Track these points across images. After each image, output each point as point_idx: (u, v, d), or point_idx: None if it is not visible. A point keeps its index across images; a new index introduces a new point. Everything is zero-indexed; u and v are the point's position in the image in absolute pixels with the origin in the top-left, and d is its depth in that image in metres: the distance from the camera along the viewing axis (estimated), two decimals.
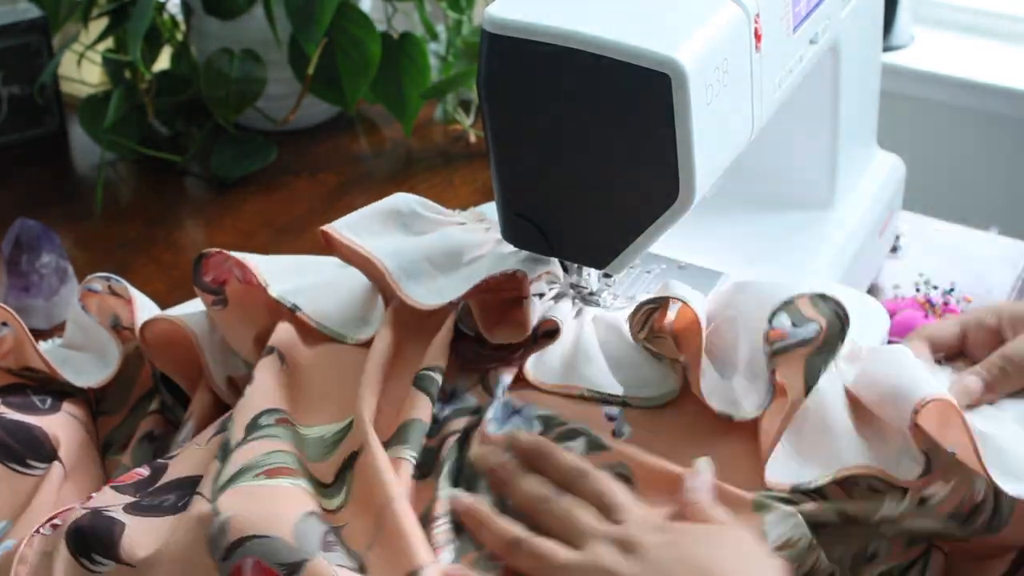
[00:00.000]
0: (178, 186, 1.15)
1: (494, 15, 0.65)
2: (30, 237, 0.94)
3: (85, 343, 0.79)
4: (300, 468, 0.65)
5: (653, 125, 0.63)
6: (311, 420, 0.68)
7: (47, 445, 0.70)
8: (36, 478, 0.69)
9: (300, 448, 0.66)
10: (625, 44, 0.62)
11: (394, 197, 0.79)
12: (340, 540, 0.61)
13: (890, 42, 1.91)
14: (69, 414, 0.74)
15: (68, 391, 0.75)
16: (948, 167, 1.91)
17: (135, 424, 0.76)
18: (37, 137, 1.20)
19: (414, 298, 0.71)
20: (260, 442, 0.65)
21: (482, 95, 0.67)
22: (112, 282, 0.78)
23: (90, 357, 0.78)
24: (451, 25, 1.23)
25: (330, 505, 0.64)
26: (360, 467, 0.64)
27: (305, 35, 1.07)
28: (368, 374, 0.68)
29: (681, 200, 0.66)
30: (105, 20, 1.16)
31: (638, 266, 0.84)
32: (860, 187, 0.94)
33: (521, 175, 0.70)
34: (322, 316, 0.74)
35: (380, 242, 0.75)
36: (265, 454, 0.64)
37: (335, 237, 0.75)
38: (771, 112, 0.73)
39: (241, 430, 0.66)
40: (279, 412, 0.68)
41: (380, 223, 0.77)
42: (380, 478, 0.62)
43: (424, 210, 0.79)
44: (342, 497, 0.64)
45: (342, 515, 0.63)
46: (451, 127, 1.24)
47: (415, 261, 0.74)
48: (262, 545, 0.58)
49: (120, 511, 0.63)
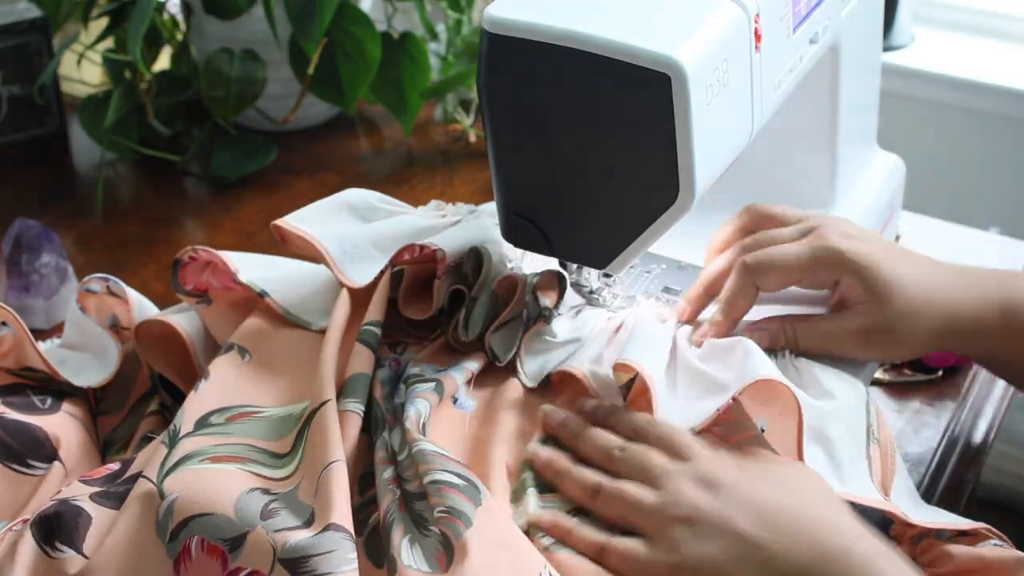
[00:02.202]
0: (178, 186, 1.15)
1: (494, 15, 0.65)
2: (30, 237, 0.94)
3: (84, 343, 0.79)
4: (249, 455, 0.66)
5: (653, 125, 0.63)
6: (278, 402, 0.70)
7: (48, 445, 0.71)
8: (37, 478, 0.69)
9: (257, 435, 0.68)
10: (625, 44, 0.62)
11: (348, 192, 0.83)
12: (289, 502, 0.62)
13: (890, 42, 1.91)
14: (69, 414, 0.74)
15: (68, 391, 0.75)
16: (948, 167, 1.91)
17: (135, 424, 0.76)
18: (37, 137, 1.20)
19: (352, 278, 0.75)
20: (208, 437, 0.67)
21: (482, 95, 0.67)
22: (110, 283, 0.78)
23: (89, 357, 0.78)
24: (451, 25, 1.23)
25: (283, 473, 0.65)
26: (316, 421, 0.66)
27: (305, 35, 1.07)
28: (328, 343, 0.70)
29: (681, 200, 0.66)
30: (105, 20, 1.16)
31: (638, 266, 0.84)
32: (860, 187, 0.94)
33: (521, 175, 0.70)
34: (289, 304, 0.77)
35: (328, 229, 0.79)
36: (212, 445, 0.66)
37: (286, 229, 0.78)
38: (771, 112, 0.73)
39: (191, 423, 0.68)
40: (232, 410, 0.69)
41: (332, 215, 0.81)
42: (327, 438, 0.64)
43: (380, 203, 0.83)
44: (297, 459, 0.65)
45: (294, 477, 0.64)
46: (451, 127, 1.24)
47: (360, 246, 0.78)
48: (204, 523, 0.60)
49: (86, 499, 0.64)
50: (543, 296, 0.75)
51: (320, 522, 0.60)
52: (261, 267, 0.79)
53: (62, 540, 0.62)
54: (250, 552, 0.59)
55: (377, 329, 0.72)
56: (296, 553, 0.58)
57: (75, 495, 0.64)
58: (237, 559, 0.59)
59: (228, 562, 0.59)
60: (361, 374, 0.69)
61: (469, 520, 0.59)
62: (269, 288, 0.76)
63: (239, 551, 0.59)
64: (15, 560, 0.61)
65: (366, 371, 0.70)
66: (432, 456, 0.63)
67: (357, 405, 0.67)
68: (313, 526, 0.60)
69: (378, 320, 0.73)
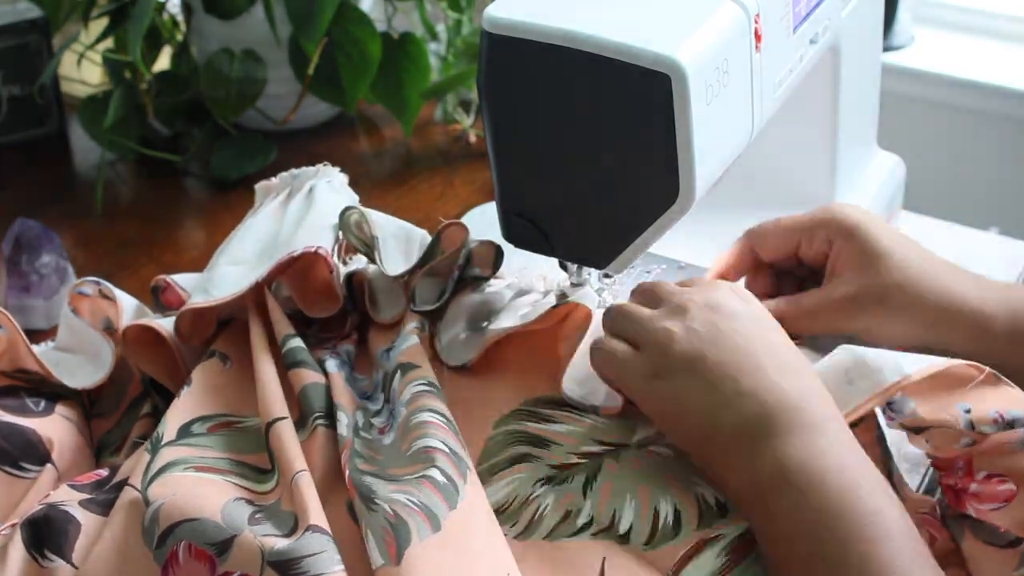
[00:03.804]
0: (178, 186, 1.15)
1: (494, 15, 0.65)
2: (30, 237, 0.94)
3: (77, 346, 0.79)
4: (232, 468, 0.66)
5: (653, 125, 0.63)
6: (256, 411, 0.70)
7: (41, 448, 0.70)
8: (29, 481, 0.69)
9: (238, 449, 0.68)
10: (625, 44, 0.62)
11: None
12: (273, 514, 0.62)
13: (890, 42, 1.91)
14: (63, 416, 0.74)
15: (62, 394, 0.75)
16: (948, 167, 1.91)
17: (129, 426, 0.76)
18: (37, 137, 1.20)
19: (202, 303, 0.75)
20: (190, 448, 0.67)
21: (482, 95, 0.67)
22: (102, 286, 0.79)
23: (82, 360, 0.78)
24: (451, 25, 1.23)
25: (266, 488, 0.65)
26: (273, 441, 0.66)
27: (305, 35, 1.07)
28: (260, 363, 0.71)
29: (681, 200, 0.66)
30: (105, 20, 1.16)
31: (638, 266, 0.84)
32: (860, 187, 0.94)
33: (521, 175, 0.70)
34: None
35: (193, 282, 0.81)
36: (196, 456, 0.66)
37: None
38: (771, 112, 0.73)
39: (173, 431, 0.68)
40: (214, 419, 0.70)
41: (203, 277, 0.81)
42: (287, 454, 0.65)
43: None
44: (277, 473, 0.66)
45: (277, 491, 0.65)
46: (451, 127, 1.24)
47: (216, 264, 0.79)
48: (192, 528, 0.60)
49: (75, 505, 0.64)
50: (476, 266, 0.76)
51: (301, 525, 0.60)
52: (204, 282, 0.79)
53: (52, 549, 0.62)
54: (238, 556, 0.59)
55: (297, 340, 0.72)
56: (286, 555, 0.58)
57: (64, 500, 0.64)
58: (225, 563, 0.59)
59: (216, 566, 0.59)
60: (311, 384, 0.70)
61: (438, 524, 0.59)
62: (200, 298, 0.76)
63: (227, 555, 0.59)
64: (6, 565, 0.61)
65: (316, 381, 0.70)
66: (429, 428, 0.64)
67: (317, 417, 0.68)
68: (296, 531, 0.60)
69: (291, 333, 0.73)
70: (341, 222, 0.78)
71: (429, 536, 0.58)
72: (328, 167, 0.85)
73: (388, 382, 0.71)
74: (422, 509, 0.60)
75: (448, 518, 0.60)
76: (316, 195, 0.82)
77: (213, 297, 0.75)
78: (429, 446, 0.63)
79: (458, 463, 0.63)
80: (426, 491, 0.61)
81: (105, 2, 1.17)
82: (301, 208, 0.81)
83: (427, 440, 0.64)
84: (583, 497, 0.65)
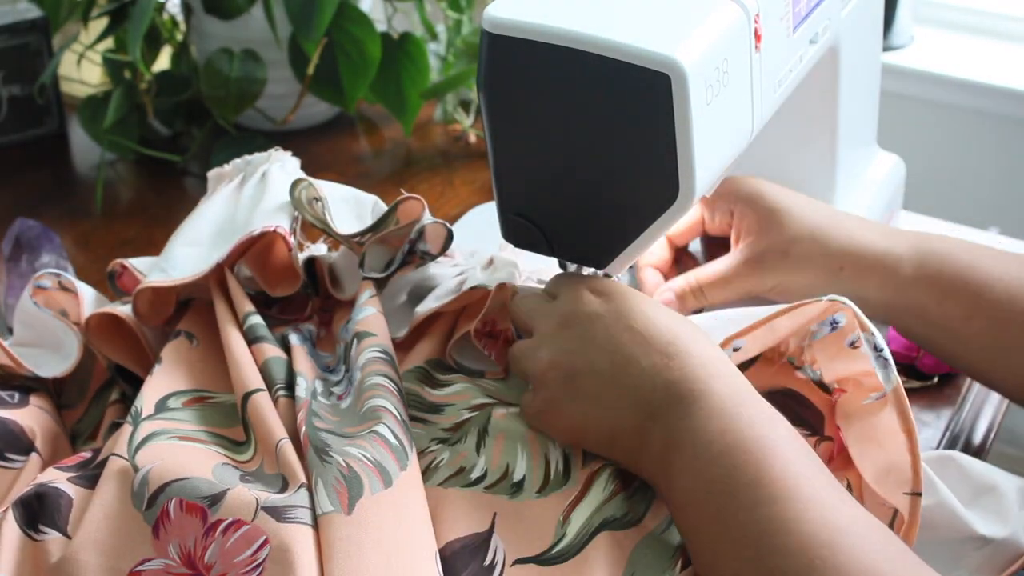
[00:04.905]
0: (178, 186, 1.15)
1: (494, 15, 0.65)
2: (30, 237, 0.94)
3: (37, 339, 0.79)
4: (212, 440, 0.68)
5: (653, 125, 0.63)
6: (227, 388, 0.72)
7: (24, 438, 0.71)
8: (16, 471, 0.70)
9: (214, 423, 0.69)
10: (625, 44, 0.62)
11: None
12: (259, 477, 0.64)
13: (890, 42, 1.91)
14: (38, 407, 0.74)
15: (32, 386, 0.76)
16: (948, 167, 1.91)
17: (98, 415, 0.76)
18: (37, 137, 1.20)
19: (160, 281, 0.76)
20: (169, 422, 0.68)
21: (482, 95, 0.67)
22: (62, 278, 0.79)
23: (44, 352, 0.78)
24: (451, 25, 1.23)
25: (245, 457, 0.67)
26: (251, 412, 0.67)
27: (305, 35, 1.07)
28: (229, 337, 0.72)
29: (681, 200, 0.66)
30: (105, 20, 1.16)
31: None
32: (860, 187, 0.94)
33: (521, 175, 0.70)
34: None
35: (148, 264, 0.81)
36: (176, 428, 0.67)
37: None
38: (771, 112, 0.73)
39: (151, 406, 0.69)
40: (188, 394, 0.71)
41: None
42: (267, 424, 0.66)
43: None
44: (253, 445, 0.67)
45: (256, 459, 0.66)
46: (451, 127, 1.24)
47: (172, 246, 0.80)
48: (183, 485, 0.61)
49: (65, 482, 0.64)
50: (428, 243, 0.78)
51: (293, 484, 0.61)
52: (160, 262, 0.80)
53: (45, 522, 0.62)
54: (231, 504, 0.60)
55: (257, 317, 0.74)
56: (280, 503, 0.59)
57: (53, 479, 0.65)
58: (217, 512, 0.60)
59: (208, 516, 0.60)
60: (273, 358, 0.71)
61: (390, 481, 0.61)
62: (157, 277, 0.77)
63: (219, 505, 0.60)
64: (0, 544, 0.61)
65: (278, 355, 0.72)
66: (380, 391, 0.66)
67: (279, 389, 0.69)
68: (287, 490, 0.61)
69: (252, 310, 0.74)
70: (293, 199, 0.79)
71: (381, 491, 0.60)
72: (280, 151, 0.86)
73: (347, 351, 0.73)
74: (375, 465, 0.62)
75: (399, 477, 0.62)
76: (270, 179, 0.83)
77: (171, 277, 0.76)
78: (379, 405, 0.66)
79: (407, 429, 0.66)
80: (380, 449, 0.63)
81: (105, 2, 1.17)
82: (256, 192, 0.82)
83: (377, 400, 0.66)
84: (476, 454, 0.67)
